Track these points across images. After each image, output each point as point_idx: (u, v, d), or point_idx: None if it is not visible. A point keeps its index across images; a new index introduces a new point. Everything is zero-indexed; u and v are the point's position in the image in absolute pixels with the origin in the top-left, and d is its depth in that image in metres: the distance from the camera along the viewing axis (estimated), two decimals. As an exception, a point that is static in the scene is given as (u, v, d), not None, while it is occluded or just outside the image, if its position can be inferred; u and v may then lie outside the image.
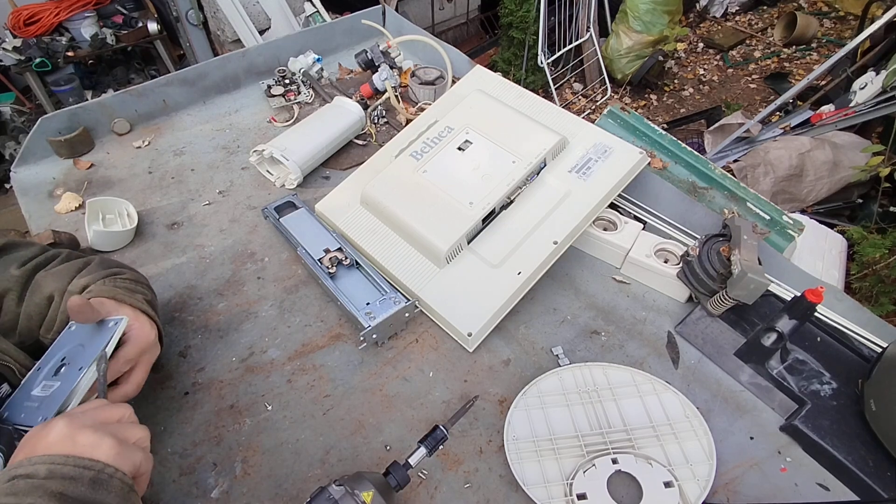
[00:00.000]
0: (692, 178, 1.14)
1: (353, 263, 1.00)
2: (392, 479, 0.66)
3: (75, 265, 0.74)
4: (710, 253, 0.93)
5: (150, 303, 0.76)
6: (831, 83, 2.90)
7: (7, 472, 0.48)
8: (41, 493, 0.46)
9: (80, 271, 0.73)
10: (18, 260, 0.73)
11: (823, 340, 0.91)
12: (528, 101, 1.16)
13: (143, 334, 0.70)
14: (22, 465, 0.48)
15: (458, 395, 0.86)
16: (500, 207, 1.01)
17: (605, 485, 0.73)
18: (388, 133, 1.35)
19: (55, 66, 2.79)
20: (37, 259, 0.74)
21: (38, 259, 0.74)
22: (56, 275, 0.72)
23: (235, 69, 1.45)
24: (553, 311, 0.99)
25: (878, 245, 2.05)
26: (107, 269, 0.76)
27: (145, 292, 0.77)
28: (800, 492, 0.76)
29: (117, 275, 0.76)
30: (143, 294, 0.76)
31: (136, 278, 0.79)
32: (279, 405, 0.84)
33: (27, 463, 0.48)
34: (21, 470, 0.47)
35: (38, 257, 0.74)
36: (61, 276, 0.72)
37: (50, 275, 0.72)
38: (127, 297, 0.71)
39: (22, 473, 0.47)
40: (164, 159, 1.29)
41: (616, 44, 3.64)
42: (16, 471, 0.47)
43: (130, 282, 0.76)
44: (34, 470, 0.47)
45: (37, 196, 1.18)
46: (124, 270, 0.78)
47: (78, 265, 0.74)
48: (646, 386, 0.85)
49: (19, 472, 0.47)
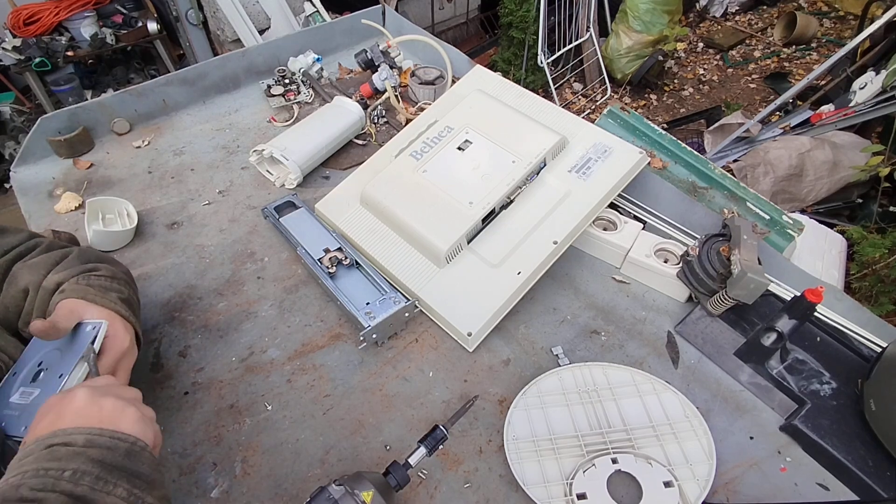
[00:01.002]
0: (692, 178, 1.14)
1: (352, 263, 1.00)
2: (392, 478, 0.66)
3: (52, 257, 0.72)
4: (709, 253, 0.93)
5: (125, 301, 0.73)
6: (831, 83, 2.90)
7: (42, 441, 0.49)
8: (83, 460, 0.47)
9: (57, 264, 0.72)
10: (2, 247, 0.72)
11: (823, 340, 0.91)
12: (527, 100, 1.16)
13: (118, 341, 0.68)
14: (57, 434, 0.49)
15: (458, 395, 0.86)
16: (500, 207, 1.01)
17: (605, 484, 0.73)
18: (388, 133, 1.35)
19: (55, 65, 2.78)
20: (18, 248, 0.72)
21: (20, 248, 0.72)
22: (32, 267, 0.70)
23: (235, 69, 1.45)
24: (553, 310, 0.99)
25: (878, 245, 2.05)
26: (84, 262, 0.74)
27: (121, 289, 0.74)
28: (800, 492, 0.76)
29: (92, 271, 0.73)
30: (118, 292, 0.73)
31: (112, 274, 0.75)
32: (279, 405, 0.84)
33: (62, 433, 0.49)
34: (58, 439, 0.49)
35: (20, 246, 0.73)
36: (37, 269, 0.70)
37: (26, 267, 0.70)
38: (98, 298, 0.69)
39: (59, 442, 0.48)
40: (164, 159, 1.28)
41: (616, 43, 3.64)
42: (52, 439, 0.49)
43: (106, 279, 0.73)
44: (72, 439, 0.49)
45: (36, 196, 1.18)
46: (100, 266, 0.75)
47: (55, 257, 0.72)
48: (645, 386, 0.85)
49: (56, 441, 0.48)
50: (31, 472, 0.46)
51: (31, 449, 0.49)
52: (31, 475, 0.46)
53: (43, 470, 0.46)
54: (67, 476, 0.46)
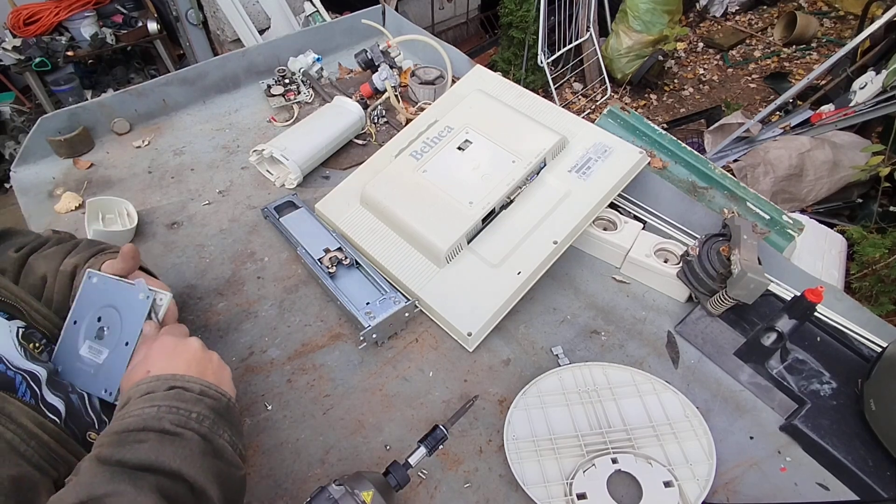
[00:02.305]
0: (692, 178, 1.14)
1: (352, 263, 1.00)
2: (392, 478, 0.66)
3: (65, 247, 0.77)
4: (709, 253, 0.93)
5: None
6: (831, 83, 2.90)
7: (164, 381, 0.56)
8: (203, 406, 0.56)
9: (69, 253, 0.76)
10: (15, 245, 0.76)
11: (823, 340, 0.91)
12: (527, 100, 1.16)
13: (172, 315, 0.72)
14: (177, 378, 0.57)
15: (458, 395, 0.86)
16: (500, 207, 1.01)
17: (605, 484, 0.73)
18: (388, 133, 1.35)
19: (55, 65, 2.78)
20: (31, 244, 0.77)
21: (33, 244, 0.77)
22: (48, 257, 0.75)
23: (235, 69, 1.45)
24: (553, 310, 0.99)
25: (878, 245, 2.05)
26: (96, 248, 0.78)
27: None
28: (799, 491, 0.76)
29: (107, 249, 0.78)
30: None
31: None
32: (279, 405, 0.84)
33: (181, 378, 0.57)
34: (179, 382, 0.57)
35: (32, 243, 0.78)
36: (53, 258, 0.75)
37: (42, 257, 0.75)
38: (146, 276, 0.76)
39: (181, 386, 0.56)
40: (164, 159, 1.28)
41: (616, 43, 3.64)
42: (174, 381, 0.56)
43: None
44: (190, 386, 0.57)
45: (36, 196, 1.18)
46: (112, 246, 0.80)
47: (67, 247, 0.77)
48: (645, 386, 0.85)
49: (178, 385, 0.56)
50: (165, 408, 0.53)
51: (153, 385, 0.56)
52: (167, 411, 0.53)
53: (175, 408, 0.54)
54: (195, 417, 0.54)
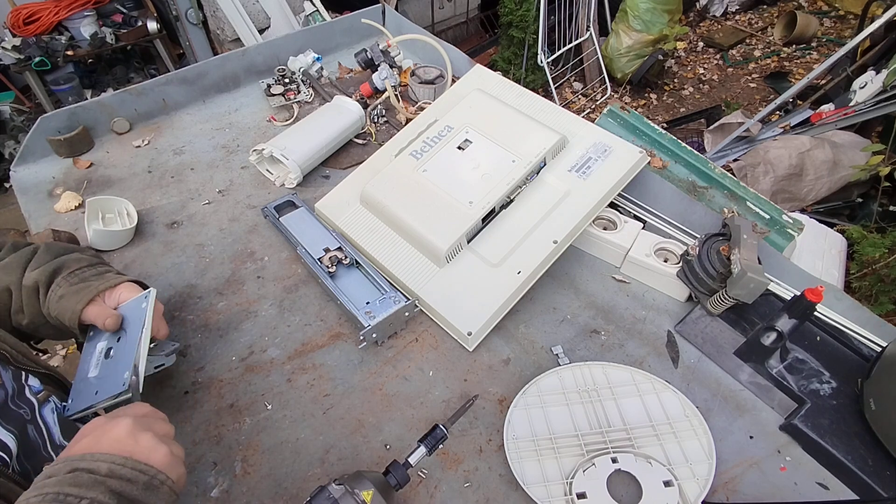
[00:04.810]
0: (692, 178, 1.14)
1: (352, 263, 1.00)
2: (392, 478, 0.66)
3: (24, 255, 0.77)
4: (709, 252, 0.93)
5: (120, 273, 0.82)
6: (831, 82, 2.90)
7: (69, 463, 0.50)
8: (103, 490, 0.49)
9: (28, 262, 0.76)
10: None
11: (823, 340, 0.91)
12: (527, 100, 1.16)
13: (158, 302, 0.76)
14: (84, 458, 0.51)
15: (458, 395, 0.86)
16: (500, 207, 1.01)
17: (605, 484, 0.73)
18: (388, 132, 1.35)
19: (55, 65, 2.78)
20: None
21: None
22: (6, 268, 0.75)
23: (235, 68, 1.45)
24: (553, 310, 0.99)
25: (878, 244, 2.05)
26: (55, 256, 0.78)
27: (108, 266, 0.82)
28: (799, 491, 0.76)
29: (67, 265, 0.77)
30: (109, 268, 0.81)
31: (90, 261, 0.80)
32: (279, 404, 0.84)
33: (90, 458, 0.51)
34: (84, 464, 0.50)
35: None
36: (12, 269, 0.75)
37: (0, 269, 0.75)
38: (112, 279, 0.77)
39: (84, 467, 0.50)
40: (164, 158, 1.28)
41: (616, 43, 3.64)
42: (78, 463, 0.50)
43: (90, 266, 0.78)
44: (96, 466, 0.50)
45: (36, 195, 1.18)
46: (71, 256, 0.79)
47: (26, 255, 0.77)
48: (645, 385, 0.85)
49: (81, 466, 0.50)
50: (51, 496, 0.47)
51: (57, 468, 0.50)
52: (52, 499, 0.47)
53: (63, 494, 0.47)
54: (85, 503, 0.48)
